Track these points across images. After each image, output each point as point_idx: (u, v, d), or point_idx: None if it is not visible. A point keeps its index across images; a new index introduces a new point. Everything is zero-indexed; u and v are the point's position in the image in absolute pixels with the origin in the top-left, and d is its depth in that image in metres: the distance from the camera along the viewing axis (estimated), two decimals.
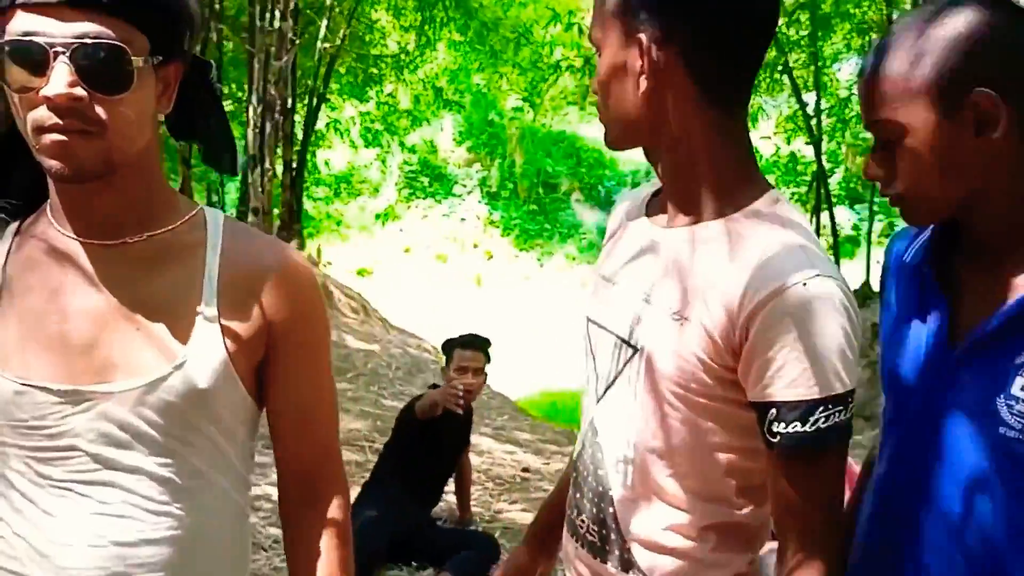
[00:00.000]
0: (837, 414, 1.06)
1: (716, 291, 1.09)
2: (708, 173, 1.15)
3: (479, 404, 4.58)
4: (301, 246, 11.61)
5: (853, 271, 11.48)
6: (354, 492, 4.49)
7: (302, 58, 12.08)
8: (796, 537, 1.11)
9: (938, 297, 1.13)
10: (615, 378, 1.22)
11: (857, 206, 21.45)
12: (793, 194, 25.28)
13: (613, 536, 1.22)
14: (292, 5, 10.81)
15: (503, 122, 26.90)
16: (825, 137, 11.19)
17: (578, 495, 1.29)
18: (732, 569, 1.19)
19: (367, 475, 4.70)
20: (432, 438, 3.95)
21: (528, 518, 4.76)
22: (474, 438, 4.57)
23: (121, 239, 1.08)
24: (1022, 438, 1.02)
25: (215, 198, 11.27)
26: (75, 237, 1.08)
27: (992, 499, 1.07)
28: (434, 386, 4.21)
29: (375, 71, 13.62)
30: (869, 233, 11.22)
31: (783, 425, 1.06)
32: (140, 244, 1.09)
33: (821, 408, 1.05)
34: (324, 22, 11.30)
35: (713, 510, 1.18)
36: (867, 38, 11.21)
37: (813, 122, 10.63)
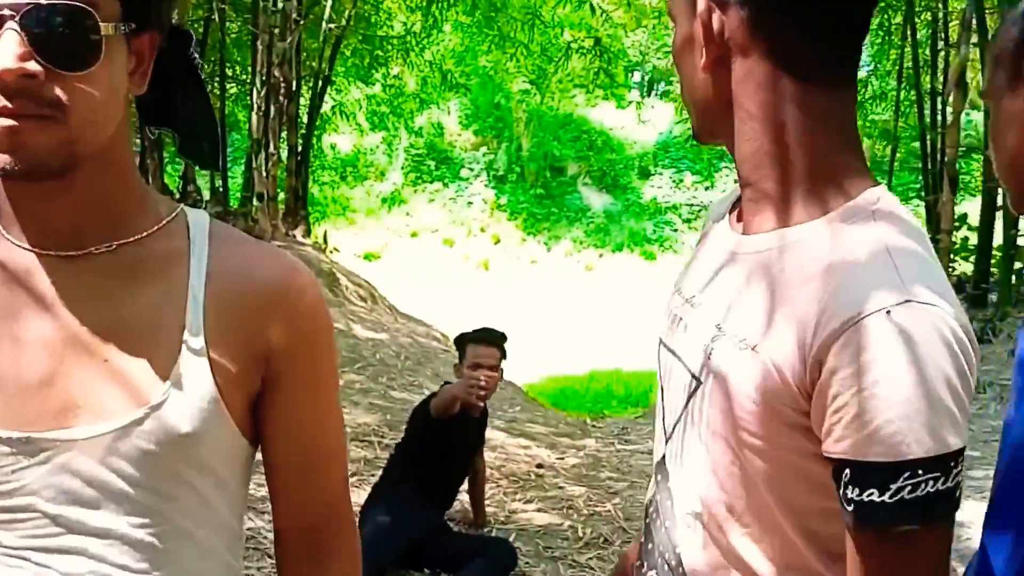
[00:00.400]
0: (931, 482, 0.79)
1: (789, 316, 0.87)
2: (795, 163, 0.93)
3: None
4: (308, 232, 11.41)
5: None
6: (364, 492, 4.32)
7: (307, 39, 11.84)
8: None
9: None
10: (681, 414, 1.01)
11: None
12: None
13: None
14: None
15: (510, 105, 26.73)
16: None
17: (649, 546, 1.08)
18: None
19: (377, 472, 4.52)
20: (447, 438, 3.75)
21: (544, 519, 4.60)
22: (487, 432, 4.36)
23: (85, 249, 0.88)
24: None
25: (219, 184, 11.05)
26: (28, 248, 0.88)
27: None
28: (446, 383, 4.01)
29: (381, 53, 13.36)
30: None
31: (857, 491, 0.82)
32: (107, 256, 0.88)
33: (907, 474, 0.79)
34: (329, 2, 11.05)
35: None
36: (884, 17, 10.92)
37: None
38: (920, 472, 0.79)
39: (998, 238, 7.74)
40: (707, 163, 26.98)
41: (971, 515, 1.46)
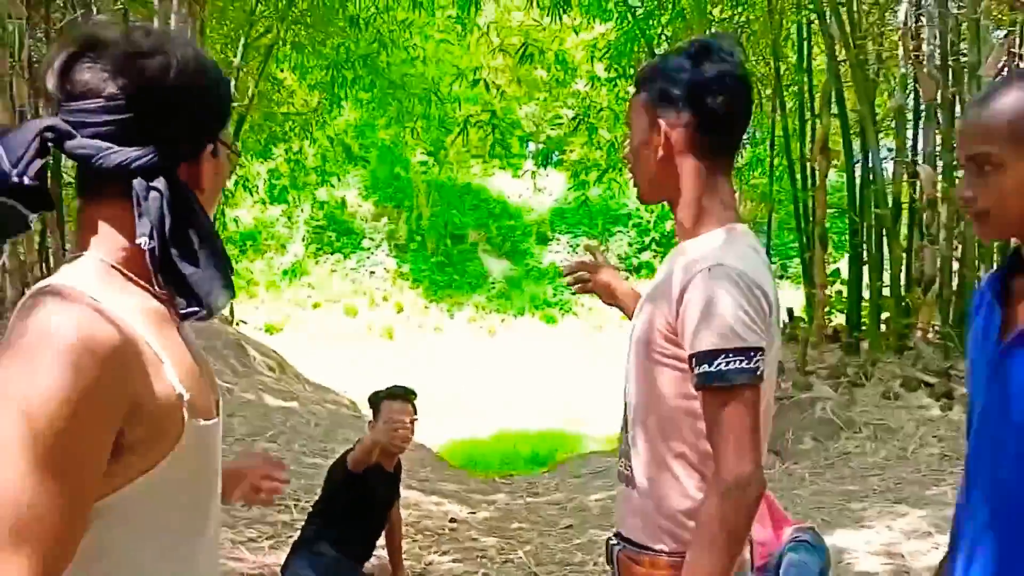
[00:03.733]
0: (737, 361, 1.46)
1: (670, 279, 1.59)
2: (703, 211, 1.66)
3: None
4: None
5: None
6: (283, 553, 4.47)
7: None
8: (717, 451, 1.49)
9: (994, 306, 1.50)
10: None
11: None
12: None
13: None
14: None
15: (409, 175, 27.11)
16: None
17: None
18: None
19: (295, 535, 4.67)
20: (363, 492, 3.97)
21: (459, 569, 4.84)
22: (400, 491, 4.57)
23: None
24: None
25: None
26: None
27: None
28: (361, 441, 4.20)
29: (280, 129, 13.59)
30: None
31: (698, 367, 1.48)
32: None
33: (723, 356, 1.46)
34: (232, 81, 11.27)
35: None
36: (756, 91, 11.79)
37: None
38: (731, 355, 1.45)
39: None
40: (601, 228, 27.81)
41: None
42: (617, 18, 11.84)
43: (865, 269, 8.40)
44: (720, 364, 1.45)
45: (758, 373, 1.47)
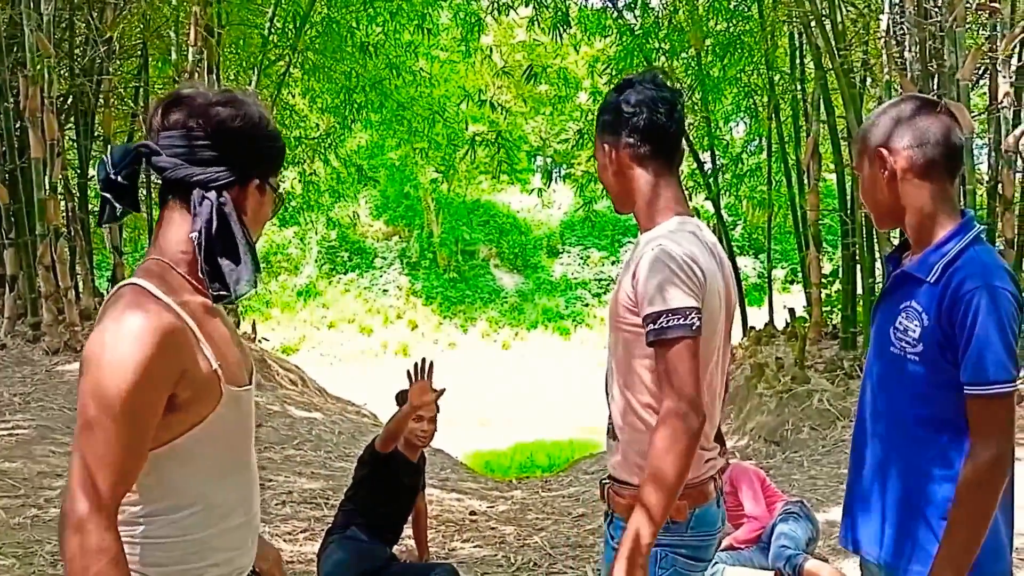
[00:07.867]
0: (675, 319, 1.84)
1: (628, 263, 2.00)
2: (654, 212, 2.05)
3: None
4: (237, 322, 11.87)
5: (761, 315, 12.25)
6: (317, 544, 4.84)
7: None
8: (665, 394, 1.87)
9: (887, 270, 1.99)
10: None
11: (762, 256, 22.41)
12: None
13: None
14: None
15: (419, 194, 27.47)
16: (723, 192, 12.04)
17: None
18: None
19: (326, 527, 5.05)
20: (389, 478, 4.35)
21: (480, 553, 5.21)
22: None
23: None
24: (901, 354, 1.83)
25: None
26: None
27: (889, 397, 1.88)
28: None
29: (291, 153, 14.03)
30: (770, 280, 12.05)
31: (648, 326, 1.87)
32: None
33: (664, 316, 1.84)
34: None
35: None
36: (751, 100, 12.20)
37: (711, 179, 11.47)
38: (669, 315, 1.84)
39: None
40: (611, 239, 28.14)
41: None
42: (616, 34, 12.29)
43: (859, 267, 8.76)
44: (662, 322, 1.84)
45: (693, 328, 1.84)
